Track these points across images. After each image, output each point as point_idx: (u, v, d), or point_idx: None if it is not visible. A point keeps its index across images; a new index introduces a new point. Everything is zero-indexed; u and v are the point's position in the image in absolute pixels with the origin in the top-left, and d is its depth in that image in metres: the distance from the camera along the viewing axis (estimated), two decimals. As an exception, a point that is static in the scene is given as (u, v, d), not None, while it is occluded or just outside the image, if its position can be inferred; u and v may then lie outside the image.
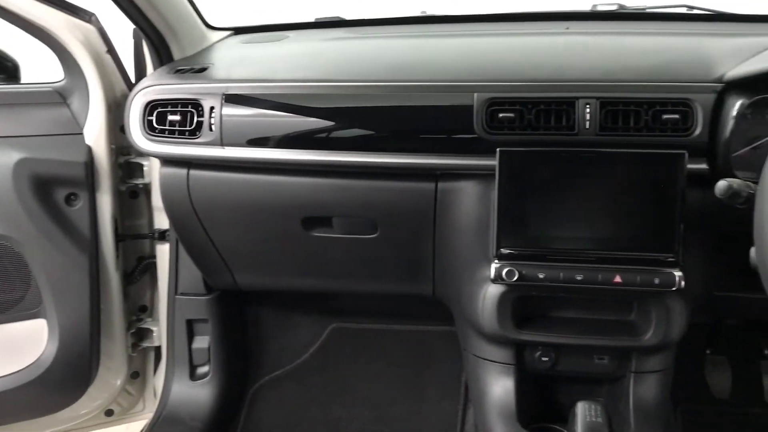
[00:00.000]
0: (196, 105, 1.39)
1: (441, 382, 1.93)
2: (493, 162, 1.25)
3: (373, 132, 1.34)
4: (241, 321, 1.96)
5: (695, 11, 1.76)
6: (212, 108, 1.38)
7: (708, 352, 1.88)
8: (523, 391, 1.41)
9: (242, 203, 1.46)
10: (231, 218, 1.49)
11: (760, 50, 1.28)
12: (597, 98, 1.24)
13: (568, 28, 1.63)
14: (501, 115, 1.27)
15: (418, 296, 1.56)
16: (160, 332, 1.85)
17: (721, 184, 1.07)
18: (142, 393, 1.91)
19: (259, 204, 1.45)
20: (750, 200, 1.03)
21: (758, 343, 1.86)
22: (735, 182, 1.06)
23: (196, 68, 1.49)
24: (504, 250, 1.27)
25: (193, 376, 1.83)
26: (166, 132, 1.41)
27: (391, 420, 1.87)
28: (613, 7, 1.79)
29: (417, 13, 1.90)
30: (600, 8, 1.80)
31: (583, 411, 1.09)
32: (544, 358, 1.39)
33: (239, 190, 1.44)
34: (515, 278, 1.26)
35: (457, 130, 1.31)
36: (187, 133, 1.40)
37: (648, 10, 1.78)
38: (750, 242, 1.00)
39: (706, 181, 1.16)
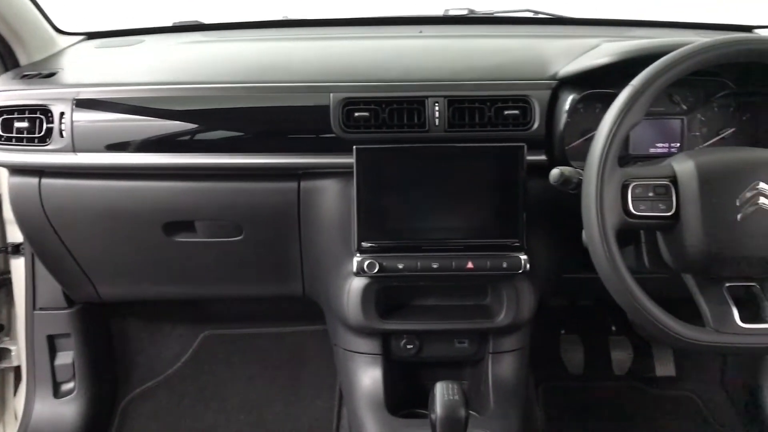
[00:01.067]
0: (45, 111, 1.35)
1: (316, 380, 1.95)
2: (351, 160, 1.29)
3: (232, 133, 1.35)
4: (107, 333, 1.90)
5: (539, 15, 1.89)
6: (62, 113, 1.34)
7: (562, 332, 2.01)
8: (391, 380, 1.46)
9: (99, 211, 1.42)
10: (88, 227, 1.45)
11: (588, 49, 1.40)
12: (444, 97, 1.32)
13: (421, 32, 1.70)
14: (356, 114, 1.32)
15: (288, 297, 1.58)
16: (19, 351, 1.77)
17: (554, 172, 1.17)
18: (2, 416, 1.81)
19: (117, 211, 1.42)
20: (580, 186, 1.13)
21: (607, 320, 2.02)
22: (566, 170, 1.16)
23: (44, 73, 1.44)
24: (365, 244, 1.32)
25: (57, 393, 1.76)
26: (14, 140, 1.36)
27: (266, 422, 1.87)
28: (464, 12, 1.89)
29: (278, 17, 1.92)
30: (451, 13, 1.89)
31: (441, 391, 1.14)
32: (409, 346, 1.45)
33: (95, 197, 1.41)
34: (376, 270, 1.31)
35: (315, 129, 1.34)
36: (36, 141, 1.35)
37: (495, 14, 1.89)
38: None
39: (546, 171, 1.25)
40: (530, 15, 1.90)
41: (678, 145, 1.38)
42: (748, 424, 1.87)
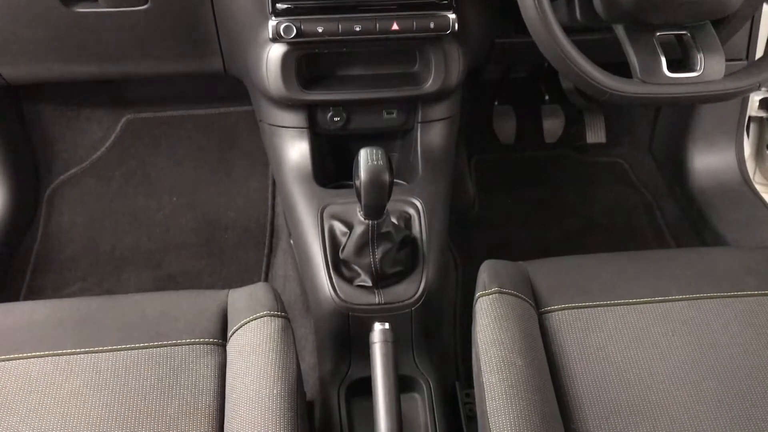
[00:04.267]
0: None
1: (247, 161, 1.92)
2: None
3: None
4: (21, 120, 1.80)
5: None
6: None
7: (495, 103, 1.99)
8: (319, 153, 1.43)
9: None
10: None
11: None
12: None
13: None
14: None
15: (210, 74, 1.49)
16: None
17: None
18: None
19: None
20: None
21: (540, 91, 2.00)
22: None
23: None
24: (280, 6, 1.21)
25: (-27, 183, 1.69)
26: None
27: (199, 204, 1.86)
28: None
29: None
30: None
31: (365, 156, 1.11)
32: (335, 118, 1.40)
33: None
34: (293, 34, 1.22)
35: None
36: None
37: None
38: None
39: None
40: None
41: None
42: (671, 186, 1.94)
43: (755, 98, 1.87)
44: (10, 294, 1.65)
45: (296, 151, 1.42)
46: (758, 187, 1.82)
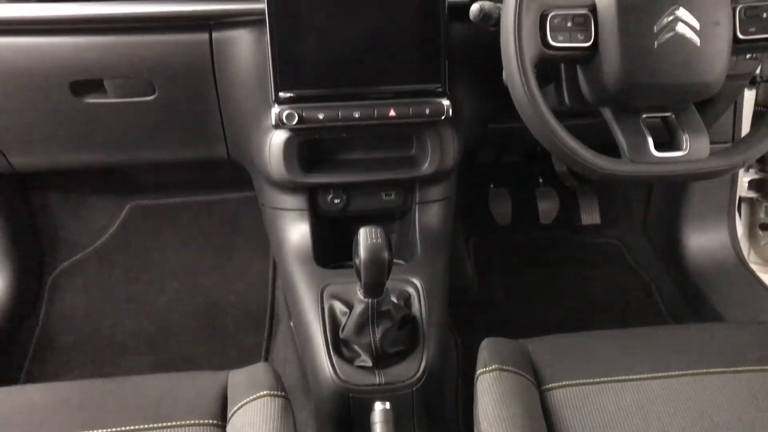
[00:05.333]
0: None
1: (249, 246, 1.95)
2: (263, 5, 1.22)
3: None
4: (28, 207, 1.84)
5: None
6: None
7: (491, 186, 2.04)
8: (319, 235, 1.46)
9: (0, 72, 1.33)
10: None
11: None
12: None
13: None
14: None
15: (213, 161, 1.53)
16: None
17: (474, 7, 1.13)
18: None
19: (17, 71, 1.32)
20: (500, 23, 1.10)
21: (534, 173, 2.05)
22: (486, 4, 1.12)
23: None
24: (282, 94, 1.27)
25: (-23, 271, 1.71)
26: None
27: (200, 288, 1.87)
28: None
29: None
30: None
31: (364, 235, 1.14)
32: (336, 200, 1.44)
33: None
34: (296, 121, 1.27)
35: None
36: None
37: None
38: None
39: (468, 12, 1.21)
40: None
41: None
42: (667, 266, 1.96)
43: (744, 179, 1.92)
44: (9, 379, 1.63)
45: (297, 232, 1.44)
46: (753, 266, 1.84)
